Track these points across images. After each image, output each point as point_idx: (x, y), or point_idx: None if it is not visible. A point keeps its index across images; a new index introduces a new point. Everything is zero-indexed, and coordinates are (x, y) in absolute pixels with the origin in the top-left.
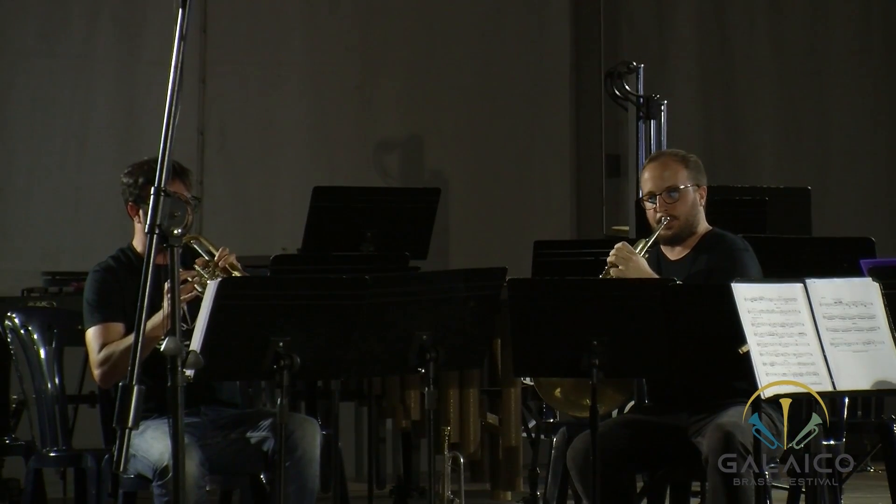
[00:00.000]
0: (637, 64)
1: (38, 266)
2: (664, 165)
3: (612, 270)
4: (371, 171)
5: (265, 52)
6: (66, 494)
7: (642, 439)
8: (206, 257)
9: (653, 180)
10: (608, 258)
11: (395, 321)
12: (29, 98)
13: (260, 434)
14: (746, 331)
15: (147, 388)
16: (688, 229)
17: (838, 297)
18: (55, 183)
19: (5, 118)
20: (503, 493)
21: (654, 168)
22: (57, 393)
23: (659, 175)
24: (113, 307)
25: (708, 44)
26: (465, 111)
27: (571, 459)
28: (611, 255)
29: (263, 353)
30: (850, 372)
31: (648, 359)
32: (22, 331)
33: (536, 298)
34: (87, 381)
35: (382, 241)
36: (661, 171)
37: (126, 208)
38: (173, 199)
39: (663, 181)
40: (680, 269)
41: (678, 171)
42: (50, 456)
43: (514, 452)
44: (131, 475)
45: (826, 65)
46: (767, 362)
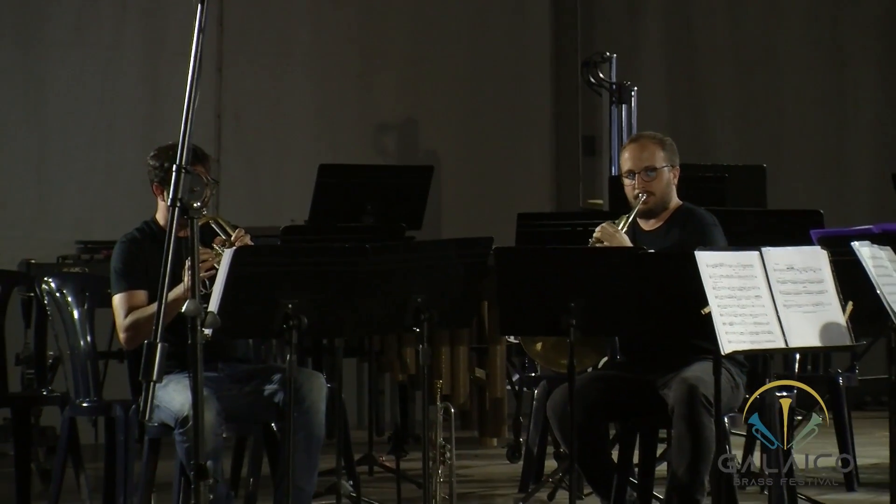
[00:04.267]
0: (610, 54)
1: (72, 235)
2: (643, 147)
3: (597, 245)
4: (371, 151)
5: (275, 43)
6: (98, 441)
7: (615, 392)
8: (223, 237)
9: (632, 160)
10: (594, 234)
11: (393, 285)
12: (64, 84)
13: (271, 387)
14: (708, 294)
15: (170, 345)
16: (662, 205)
17: (790, 263)
18: (87, 161)
19: (43, 102)
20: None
21: (634, 149)
22: (89, 349)
23: (638, 155)
24: (137, 275)
25: (674, 35)
26: (456, 96)
27: (551, 410)
28: (596, 231)
29: (274, 314)
30: (800, 331)
31: (620, 319)
32: (57, 294)
33: (520, 265)
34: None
35: (381, 213)
36: (640, 151)
37: (152, 188)
38: (193, 176)
39: (641, 161)
40: (654, 239)
41: (655, 153)
42: (83, 406)
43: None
44: (155, 424)
45: (779, 54)
46: (727, 322)
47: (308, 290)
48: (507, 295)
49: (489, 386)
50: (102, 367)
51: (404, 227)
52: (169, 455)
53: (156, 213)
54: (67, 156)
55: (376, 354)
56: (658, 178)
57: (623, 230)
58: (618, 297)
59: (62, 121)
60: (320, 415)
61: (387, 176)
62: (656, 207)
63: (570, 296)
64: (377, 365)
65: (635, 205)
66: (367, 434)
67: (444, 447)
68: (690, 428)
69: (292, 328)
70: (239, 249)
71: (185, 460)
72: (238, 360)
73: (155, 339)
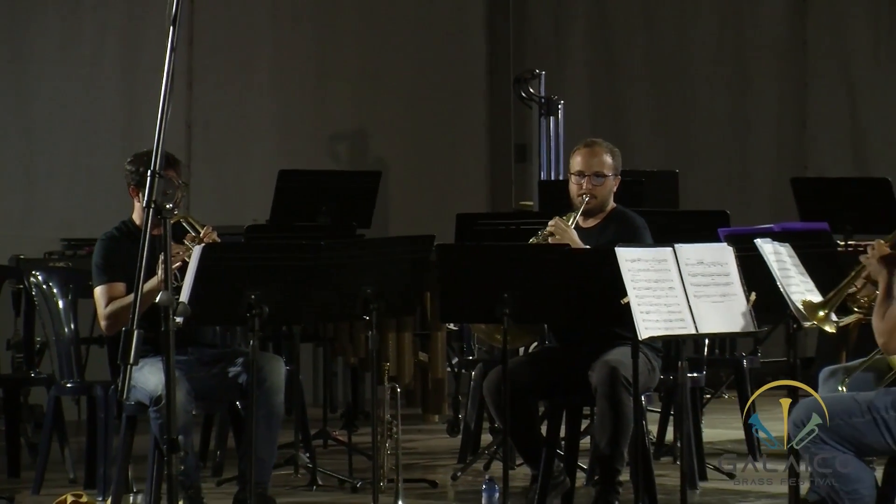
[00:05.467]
0: (539, 71)
1: (57, 234)
2: (595, 153)
3: (549, 238)
4: (325, 157)
5: (240, 61)
6: (80, 418)
7: (544, 373)
8: (194, 233)
9: (584, 163)
10: (547, 229)
11: (345, 278)
12: (49, 97)
13: (236, 369)
14: (627, 286)
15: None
16: (601, 207)
17: (700, 258)
18: (70, 166)
19: (31, 113)
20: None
21: (587, 154)
22: (72, 336)
23: (589, 160)
24: (116, 269)
25: (596, 55)
26: (402, 109)
27: (486, 389)
28: (549, 226)
29: (238, 304)
30: (709, 318)
31: (549, 309)
32: (44, 286)
33: (459, 260)
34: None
35: (334, 214)
36: (591, 157)
37: (129, 190)
38: (166, 181)
39: (592, 166)
40: (590, 235)
41: (605, 160)
42: (67, 386)
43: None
44: (132, 402)
45: (690, 72)
46: (644, 311)
47: (269, 282)
48: (448, 287)
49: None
50: (84, 351)
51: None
52: (144, 430)
53: (132, 213)
54: (53, 162)
55: (330, 340)
56: (604, 184)
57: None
58: (547, 288)
59: (48, 130)
60: (280, 394)
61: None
62: (596, 208)
63: (504, 287)
64: (331, 349)
65: (579, 204)
66: (321, 411)
67: (391, 423)
68: (611, 406)
69: (255, 316)
70: (207, 246)
71: (159, 435)
72: (206, 345)
73: (132, 326)
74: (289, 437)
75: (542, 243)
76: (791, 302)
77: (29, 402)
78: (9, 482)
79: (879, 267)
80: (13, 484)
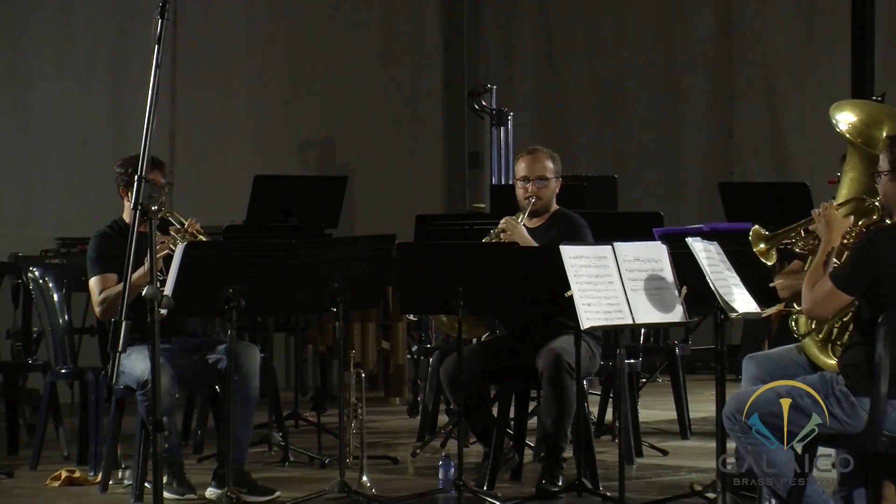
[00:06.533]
0: (491, 86)
1: (53, 233)
2: (537, 159)
3: (502, 235)
4: (296, 164)
5: (218, 76)
6: (73, 400)
7: (495, 360)
8: (178, 226)
9: (528, 168)
10: (500, 225)
11: (314, 273)
12: (45, 110)
13: (215, 356)
14: (571, 280)
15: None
16: (545, 208)
17: (637, 255)
18: (65, 171)
19: (28, 124)
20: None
21: (530, 160)
22: (66, 326)
23: (532, 165)
24: (108, 262)
25: (542, 70)
26: (366, 120)
27: (443, 374)
28: (501, 223)
29: (217, 297)
30: (645, 310)
31: (499, 301)
32: (41, 281)
33: (417, 257)
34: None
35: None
36: (534, 162)
37: (118, 191)
38: (151, 185)
39: (535, 171)
40: (536, 234)
41: (547, 165)
42: (61, 372)
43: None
44: (121, 386)
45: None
46: (586, 303)
47: (245, 277)
48: (407, 281)
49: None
50: (77, 340)
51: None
52: (132, 412)
53: (122, 212)
54: (48, 167)
55: (301, 330)
56: (547, 186)
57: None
58: (497, 283)
59: (44, 139)
60: (255, 379)
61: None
62: (541, 209)
63: (459, 282)
64: (301, 338)
65: (526, 205)
66: (293, 394)
67: (356, 405)
68: (556, 389)
69: (232, 308)
70: (189, 244)
71: (145, 416)
72: (188, 335)
73: (120, 317)
74: (263, 418)
75: (493, 242)
76: (719, 295)
77: (26, 386)
78: (8, 459)
79: (825, 228)
80: (12, 460)
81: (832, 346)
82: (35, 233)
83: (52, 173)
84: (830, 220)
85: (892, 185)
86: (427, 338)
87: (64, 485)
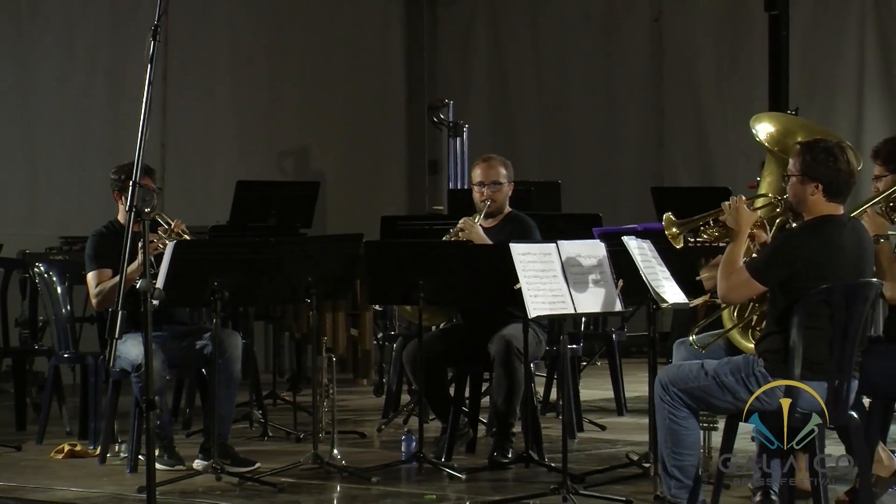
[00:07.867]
0: (448, 100)
1: (56, 232)
2: (491, 166)
3: (460, 233)
4: (275, 170)
5: (205, 91)
6: (75, 382)
7: (453, 345)
8: (166, 226)
9: (483, 174)
10: (458, 225)
11: (290, 268)
12: (49, 120)
13: (202, 342)
14: (519, 275)
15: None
16: (499, 209)
17: (578, 252)
18: (66, 176)
19: (33, 134)
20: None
21: (485, 167)
22: (69, 315)
23: (487, 172)
24: (104, 258)
25: (494, 87)
26: (337, 131)
27: (405, 358)
28: (459, 223)
29: (204, 289)
30: (586, 300)
31: (457, 292)
32: (46, 275)
33: (383, 253)
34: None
35: (282, 216)
36: (489, 169)
37: (113, 195)
38: (144, 189)
39: (490, 176)
40: (492, 233)
41: (500, 171)
42: (64, 356)
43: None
44: (117, 369)
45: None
46: (533, 295)
47: (229, 272)
48: (374, 275)
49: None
50: (79, 328)
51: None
52: (127, 392)
53: (117, 214)
54: (52, 172)
55: (278, 318)
56: (500, 190)
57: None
58: (455, 277)
59: (48, 148)
60: (237, 362)
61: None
62: (495, 211)
63: (420, 276)
64: (279, 326)
65: (482, 207)
66: (271, 376)
67: (328, 386)
68: (506, 371)
69: (217, 300)
70: (178, 243)
71: (139, 396)
72: (178, 323)
73: (116, 308)
74: (245, 397)
75: (450, 240)
76: (651, 287)
77: (33, 369)
78: (17, 434)
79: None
80: (20, 436)
81: (752, 331)
82: (40, 232)
83: (54, 178)
84: (739, 212)
85: (800, 187)
86: (391, 325)
87: (66, 457)
